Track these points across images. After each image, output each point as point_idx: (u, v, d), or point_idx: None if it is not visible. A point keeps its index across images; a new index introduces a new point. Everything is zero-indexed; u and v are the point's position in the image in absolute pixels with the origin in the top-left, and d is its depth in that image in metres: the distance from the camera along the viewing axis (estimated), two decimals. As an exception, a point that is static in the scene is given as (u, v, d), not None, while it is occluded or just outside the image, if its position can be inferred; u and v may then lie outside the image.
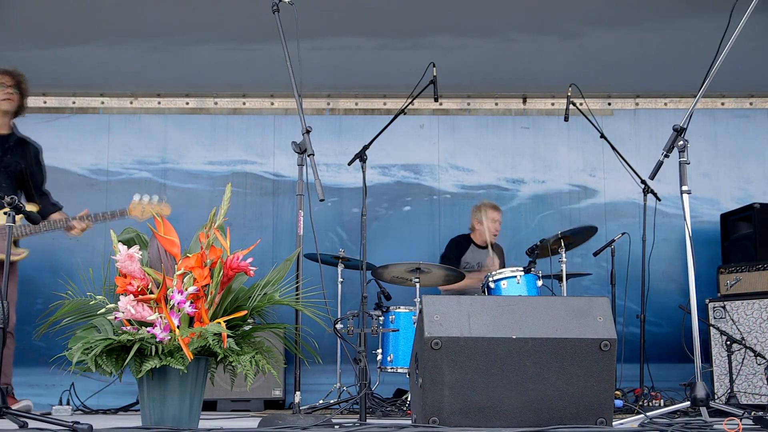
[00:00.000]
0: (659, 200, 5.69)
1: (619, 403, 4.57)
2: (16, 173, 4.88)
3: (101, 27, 5.74)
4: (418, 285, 5.19)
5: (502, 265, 6.00)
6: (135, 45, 6.01)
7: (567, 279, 5.40)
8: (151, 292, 3.09)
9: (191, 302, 3.03)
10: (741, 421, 3.05)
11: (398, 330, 5.07)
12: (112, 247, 3.17)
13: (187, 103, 6.85)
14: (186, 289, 3.02)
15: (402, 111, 5.42)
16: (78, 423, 2.87)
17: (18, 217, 4.60)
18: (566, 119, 5.73)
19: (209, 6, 5.54)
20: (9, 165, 4.86)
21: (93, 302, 3.16)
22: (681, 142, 3.59)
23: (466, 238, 6.19)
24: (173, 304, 3.01)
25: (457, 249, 6.12)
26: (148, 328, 2.96)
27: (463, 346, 3.06)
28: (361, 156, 5.20)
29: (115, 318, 3.04)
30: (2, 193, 4.59)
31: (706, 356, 5.33)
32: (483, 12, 5.62)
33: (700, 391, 3.31)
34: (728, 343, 5.07)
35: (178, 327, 3.00)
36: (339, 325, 3.98)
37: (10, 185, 4.84)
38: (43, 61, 6.14)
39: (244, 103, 6.87)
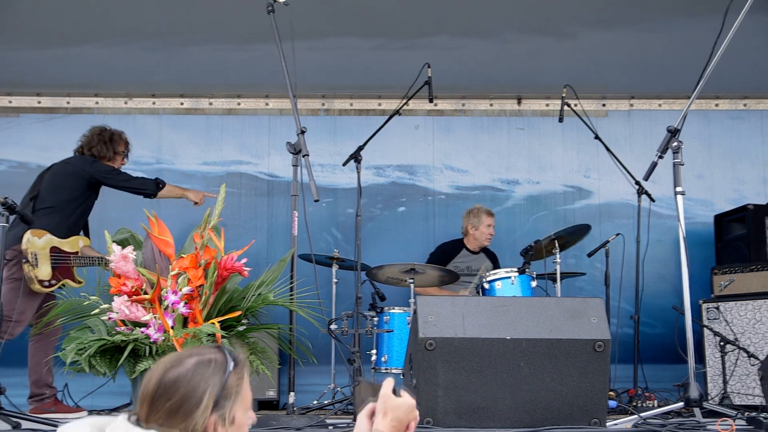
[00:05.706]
0: (653, 201, 5.70)
1: (613, 403, 4.57)
2: (88, 212, 5.01)
3: (96, 27, 5.72)
4: (412, 286, 5.18)
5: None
6: (130, 45, 6.00)
7: (561, 279, 5.40)
8: (145, 293, 3.08)
9: (185, 303, 3.03)
10: (734, 421, 3.06)
11: (392, 331, 5.06)
12: (106, 248, 3.17)
13: (182, 104, 6.83)
14: (180, 290, 3.02)
15: (397, 112, 5.42)
16: (71, 423, 2.86)
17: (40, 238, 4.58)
18: (561, 120, 5.73)
19: (205, 6, 5.53)
20: (88, 208, 4.97)
21: (87, 303, 3.16)
22: (675, 143, 3.60)
23: (457, 244, 6.14)
24: (167, 305, 3.01)
25: (443, 255, 6.03)
26: (142, 329, 2.96)
27: (458, 347, 3.06)
28: (355, 156, 5.20)
29: (109, 318, 3.03)
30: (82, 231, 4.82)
31: (700, 357, 5.34)
32: (478, 13, 5.62)
33: (694, 392, 3.33)
34: (722, 343, 5.08)
35: (172, 327, 3.00)
36: (333, 326, 3.99)
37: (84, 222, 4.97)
38: (37, 61, 6.12)
39: (239, 104, 6.85)
